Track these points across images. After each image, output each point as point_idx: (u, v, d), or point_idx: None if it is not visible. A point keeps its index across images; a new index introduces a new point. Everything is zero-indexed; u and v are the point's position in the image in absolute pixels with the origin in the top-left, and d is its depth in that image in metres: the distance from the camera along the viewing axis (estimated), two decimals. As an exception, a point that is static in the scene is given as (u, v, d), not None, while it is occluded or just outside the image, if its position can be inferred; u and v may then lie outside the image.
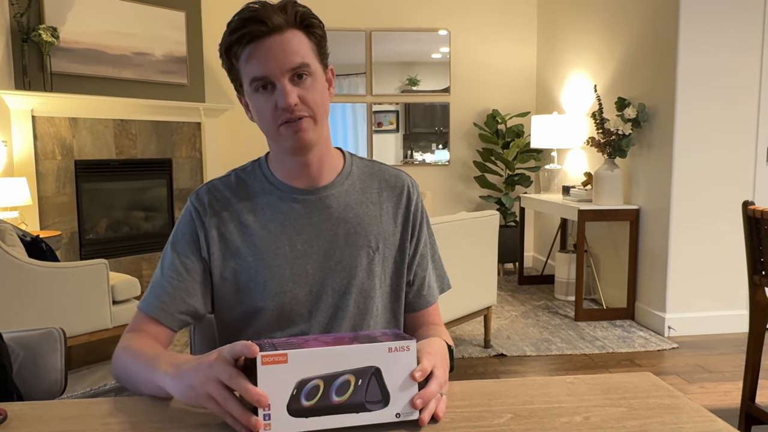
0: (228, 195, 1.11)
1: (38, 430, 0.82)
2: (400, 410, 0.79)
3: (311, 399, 0.76)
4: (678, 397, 0.92)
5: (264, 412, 0.74)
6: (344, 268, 1.09)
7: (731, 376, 3.05)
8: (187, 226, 1.10)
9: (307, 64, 1.01)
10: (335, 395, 0.77)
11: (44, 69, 4.18)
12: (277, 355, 0.75)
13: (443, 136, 5.74)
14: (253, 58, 0.99)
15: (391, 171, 1.18)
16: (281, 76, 0.99)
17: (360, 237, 1.10)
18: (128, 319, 3.25)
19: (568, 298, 4.50)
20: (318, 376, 0.76)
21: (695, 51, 3.54)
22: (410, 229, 1.15)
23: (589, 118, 4.48)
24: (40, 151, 4.21)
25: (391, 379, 0.79)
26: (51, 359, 1.15)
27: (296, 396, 0.75)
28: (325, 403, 0.76)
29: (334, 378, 0.77)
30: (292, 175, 1.10)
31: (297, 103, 1.00)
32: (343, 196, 1.11)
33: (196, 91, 5.18)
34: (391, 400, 0.79)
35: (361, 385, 0.77)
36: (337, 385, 0.77)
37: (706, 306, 3.71)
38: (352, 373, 0.77)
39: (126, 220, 4.93)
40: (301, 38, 1.01)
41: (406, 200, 1.16)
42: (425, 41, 5.64)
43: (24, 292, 2.77)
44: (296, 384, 0.75)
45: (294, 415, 0.75)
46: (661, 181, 3.71)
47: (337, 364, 0.77)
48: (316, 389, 0.76)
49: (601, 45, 4.47)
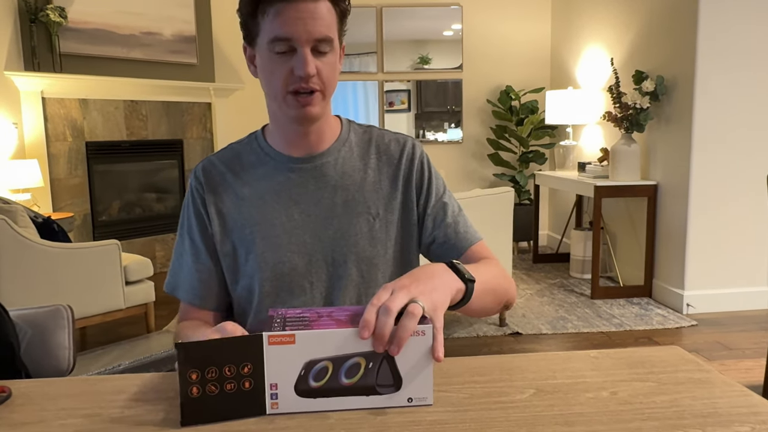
0: (224, 170, 1.10)
1: (44, 407, 0.80)
2: (413, 395, 0.76)
3: (319, 380, 0.73)
4: (709, 371, 0.88)
5: (271, 392, 0.73)
6: (343, 237, 1.06)
7: (752, 353, 2.99)
8: (192, 206, 1.10)
9: (331, 39, 0.98)
10: (344, 377, 0.74)
11: (53, 50, 4.15)
12: (284, 336, 0.72)
13: (455, 114, 5.66)
14: (281, 16, 0.95)
15: (390, 135, 1.15)
16: (305, 43, 0.96)
17: (359, 204, 1.08)
18: (142, 299, 3.26)
19: (584, 276, 4.45)
20: (327, 358, 0.73)
21: (716, 21, 3.43)
22: (415, 188, 1.12)
23: (605, 92, 4.39)
24: (51, 132, 4.20)
25: (404, 363, 0.75)
26: (59, 337, 1.13)
27: (304, 377, 0.73)
28: (334, 385, 0.74)
29: (343, 360, 0.74)
30: (290, 142, 1.08)
31: (314, 75, 0.97)
32: (340, 163, 1.09)
33: (206, 70, 5.14)
34: (403, 384, 0.75)
35: (372, 367, 0.74)
36: (347, 368, 0.74)
37: (725, 283, 3.64)
38: (363, 356, 0.74)
39: (138, 202, 4.92)
40: (330, 9, 0.98)
41: (407, 161, 1.12)
42: (437, 17, 5.54)
43: (36, 273, 2.77)
44: (304, 365, 0.73)
45: (302, 395, 0.73)
46: (680, 155, 3.62)
47: (347, 346, 0.73)
48: (325, 371, 0.73)
49: (618, 17, 4.36)
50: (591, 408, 0.77)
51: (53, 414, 0.78)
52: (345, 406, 0.75)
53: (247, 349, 0.73)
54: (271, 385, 0.73)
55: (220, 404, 0.73)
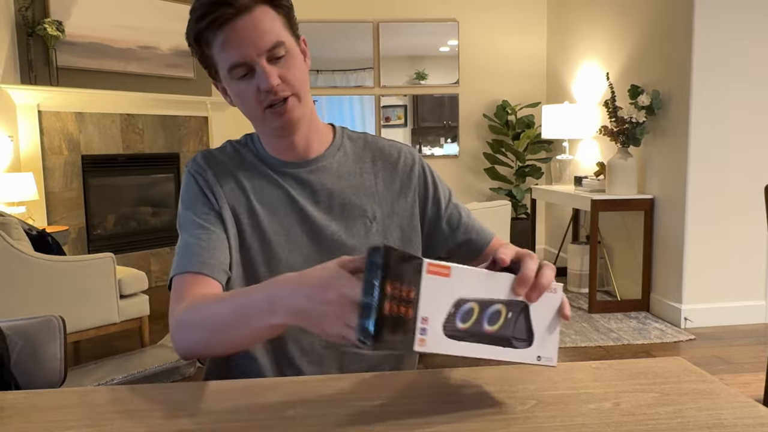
0: (225, 160, 1.09)
1: (31, 420, 0.77)
2: (542, 353, 0.76)
3: (466, 322, 0.71)
4: (713, 382, 0.86)
5: (421, 326, 0.67)
6: (340, 239, 1.06)
7: (751, 367, 2.97)
8: (193, 188, 1.06)
9: (281, 42, 0.98)
10: (487, 323, 0.72)
11: (50, 63, 4.16)
12: (442, 267, 0.69)
13: (452, 129, 5.67)
14: (226, 44, 0.96)
15: (384, 141, 1.16)
16: (258, 58, 0.96)
17: (355, 207, 1.08)
18: (137, 313, 3.22)
19: (581, 290, 4.43)
20: (474, 299, 0.71)
21: (711, 35, 3.46)
22: (419, 196, 1.12)
23: (601, 107, 4.40)
24: (47, 146, 4.19)
25: (537, 319, 0.76)
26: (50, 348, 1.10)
27: (452, 315, 0.70)
28: (478, 330, 0.72)
29: (488, 305, 0.72)
30: (281, 151, 1.09)
31: (279, 83, 0.97)
32: (335, 167, 1.09)
33: (202, 84, 5.14)
34: (534, 341, 0.75)
35: (510, 318, 0.74)
36: (490, 313, 0.72)
37: (723, 296, 3.63)
38: (504, 304, 0.73)
39: (134, 215, 4.90)
40: (270, 13, 0.98)
41: (404, 167, 1.13)
42: (433, 33, 5.57)
43: (30, 286, 2.74)
44: (455, 302, 0.70)
45: (448, 335, 0.70)
46: (677, 169, 3.63)
47: (493, 290, 0.73)
48: (471, 313, 0.71)
49: (613, 32, 4.38)
50: (593, 419, 0.75)
51: (41, 426, 0.76)
52: (484, 355, 0.73)
53: (412, 273, 0.68)
54: (422, 319, 0.67)
55: (393, 328, 0.66)
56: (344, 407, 0.78)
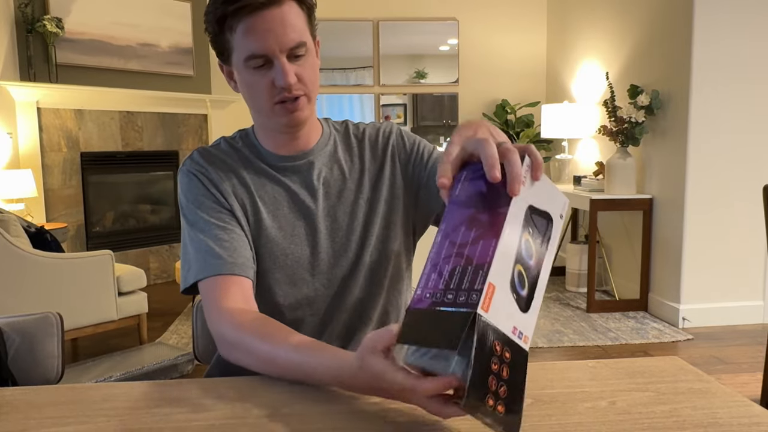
0: (223, 157, 1.09)
1: (29, 416, 0.77)
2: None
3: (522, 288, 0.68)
4: (709, 381, 0.86)
5: None
6: (341, 227, 1.09)
7: (748, 367, 2.98)
8: (198, 187, 1.04)
9: (304, 42, 0.98)
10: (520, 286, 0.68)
11: (49, 60, 4.15)
12: (489, 297, 0.64)
13: (451, 129, 5.67)
14: (250, 33, 0.94)
15: (365, 124, 1.19)
16: (280, 54, 0.96)
17: (349, 192, 1.10)
18: (135, 310, 3.22)
19: (579, 290, 4.43)
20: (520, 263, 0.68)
21: (711, 36, 3.46)
22: (398, 156, 1.14)
23: (600, 106, 4.40)
24: (46, 143, 4.18)
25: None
26: (47, 345, 1.10)
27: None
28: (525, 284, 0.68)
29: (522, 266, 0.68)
30: (279, 146, 1.09)
31: (295, 82, 0.98)
32: (327, 157, 1.11)
33: (202, 82, 5.14)
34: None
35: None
36: (517, 274, 0.68)
37: (721, 297, 3.63)
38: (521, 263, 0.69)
39: (133, 213, 4.90)
40: (296, 10, 0.97)
41: (383, 139, 1.15)
42: (433, 32, 5.56)
43: (28, 282, 2.74)
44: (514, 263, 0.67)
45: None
46: (676, 169, 3.63)
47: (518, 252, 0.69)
48: (522, 280, 0.68)
49: (613, 31, 4.38)
50: (589, 418, 0.75)
51: (38, 423, 0.76)
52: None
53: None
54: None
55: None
56: (340, 404, 0.78)
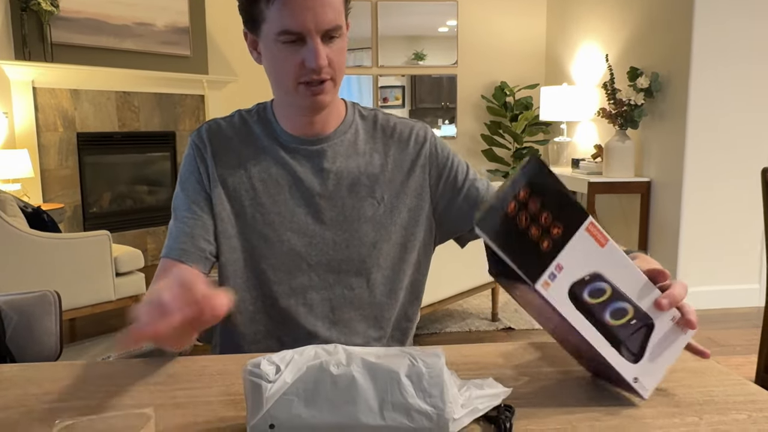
0: (231, 135, 1.07)
1: (28, 392, 0.78)
2: (641, 378, 0.72)
3: (593, 298, 0.69)
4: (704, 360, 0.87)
5: (552, 271, 0.67)
6: (346, 220, 1.04)
7: (743, 350, 3.00)
8: (191, 164, 1.07)
9: (340, 26, 0.95)
10: (609, 315, 0.70)
11: (44, 39, 4.11)
12: (601, 234, 0.69)
13: (450, 111, 5.64)
14: (288, 7, 0.91)
15: (397, 119, 1.13)
16: (315, 33, 0.93)
17: (364, 188, 1.05)
18: (133, 291, 3.23)
19: (576, 273, 4.45)
20: (611, 283, 0.69)
21: (711, 18, 3.43)
22: (429, 171, 1.09)
23: (599, 89, 4.38)
24: (42, 122, 4.15)
25: (656, 343, 0.72)
26: (45, 323, 1.11)
27: (583, 283, 0.68)
28: (598, 313, 0.69)
29: (620, 297, 0.70)
30: (297, 126, 1.06)
31: (326, 65, 0.95)
32: (345, 146, 1.07)
33: (199, 62, 5.10)
34: (641, 362, 0.72)
35: (633, 324, 0.71)
36: (618, 307, 0.70)
37: (718, 280, 3.65)
38: (635, 307, 0.71)
39: (129, 194, 4.88)
40: None
41: (414, 144, 1.09)
42: (432, 13, 5.52)
43: (26, 262, 2.74)
44: (592, 274, 0.69)
45: (570, 297, 0.68)
46: (674, 152, 3.63)
47: (632, 287, 0.70)
48: (602, 293, 0.69)
49: (613, 13, 4.35)
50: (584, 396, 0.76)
51: (37, 398, 0.76)
52: (590, 337, 0.69)
53: (571, 215, 0.68)
54: (557, 265, 0.67)
55: (516, 238, 0.66)
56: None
